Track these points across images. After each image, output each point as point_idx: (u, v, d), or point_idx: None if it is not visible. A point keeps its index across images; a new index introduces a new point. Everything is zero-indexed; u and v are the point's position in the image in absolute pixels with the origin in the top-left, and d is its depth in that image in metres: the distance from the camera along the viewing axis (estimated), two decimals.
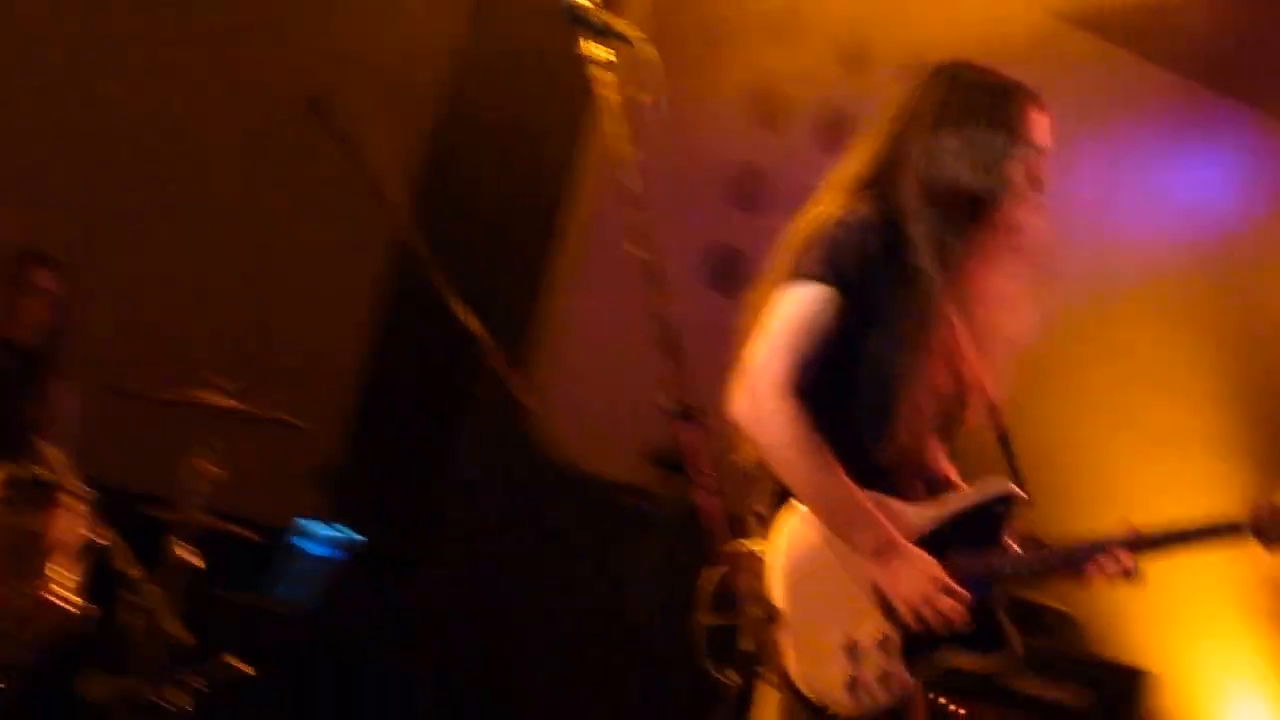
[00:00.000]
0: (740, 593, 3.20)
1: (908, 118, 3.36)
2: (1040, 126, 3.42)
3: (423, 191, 5.45)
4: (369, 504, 5.63)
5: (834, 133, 6.51)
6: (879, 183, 3.32)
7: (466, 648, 5.64)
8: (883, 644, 3.21)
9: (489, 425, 5.60)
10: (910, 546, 3.20)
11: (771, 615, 3.21)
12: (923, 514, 3.27)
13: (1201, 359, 3.36)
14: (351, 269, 5.75)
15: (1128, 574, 3.22)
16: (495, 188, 5.75)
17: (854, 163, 3.36)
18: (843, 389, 3.30)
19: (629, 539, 2.87)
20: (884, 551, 3.20)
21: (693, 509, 2.85)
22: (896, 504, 3.26)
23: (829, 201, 3.30)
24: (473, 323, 3.73)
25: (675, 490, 2.85)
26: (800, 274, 3.22)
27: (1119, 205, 7.08)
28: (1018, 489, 3.32)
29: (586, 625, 5.29)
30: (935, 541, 3.25)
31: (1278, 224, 6.95)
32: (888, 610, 3.23)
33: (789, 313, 3.23)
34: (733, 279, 6.27)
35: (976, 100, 3.40)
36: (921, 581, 3.19)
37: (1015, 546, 3.29)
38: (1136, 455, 6.19)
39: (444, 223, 5.06)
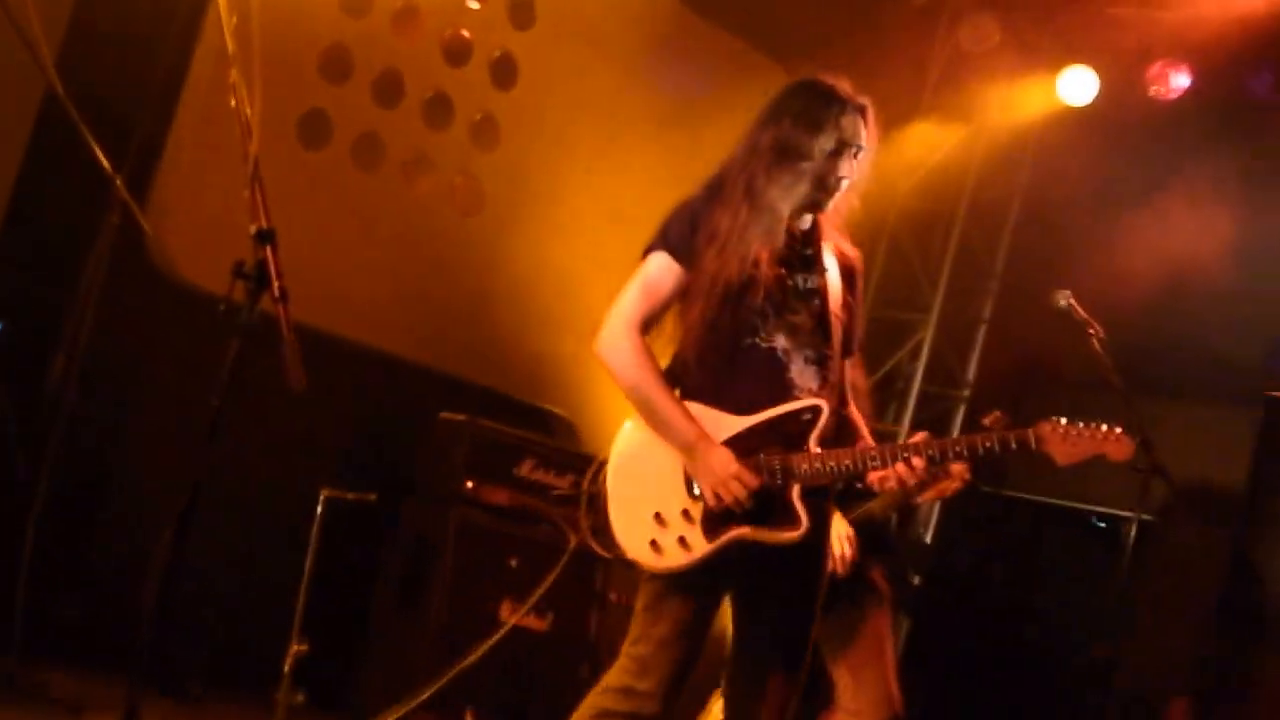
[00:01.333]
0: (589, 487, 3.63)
1: (754, 123, 3.71)
2: (851, 126, 3.65)
3: (66, 46, 5.31)
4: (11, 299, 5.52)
5: (409, 20, 6.53)
6: (727, 171, 3.68)
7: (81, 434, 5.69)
8: (684, 515, 3.54)
9: (118, 245, 5.56)
10: (713, 443, 3.51)
11: (601, 497, 3.61)
12: (737, 420, 3.56)
13: None
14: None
15: (915, 481, 3.55)
16: (131, 44, 5.64)
17: (726, 156, 3.73)
18: (685, 328, 3.64)
19: (216, 339, 3.10)
20: (692, 447, 3.52)
21: (265, 314, 2.97)
22: (714, 412, 3.57)
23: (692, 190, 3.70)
24: (106, 162, 3.81)
25: (254, 299, 3.08)
26: (649, 246, 3.64)
27: (621, 120, 7.30)
28: (824, 403, 3.57)
29: (173, 416, 5.30)
30: (746, 440, 3.55)
31: None
32: (691, 490, 3.56)
33: (639, 275, 3.62)
34: (320, 139, 6.31)
35: (799, 106, 3.67)
36: (717, 470, 3.48)
37: (816, 449, 3.53)
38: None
39: (85, 74, 4.96)
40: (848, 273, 3.79)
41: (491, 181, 6.91)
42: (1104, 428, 3.54)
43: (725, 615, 3.83)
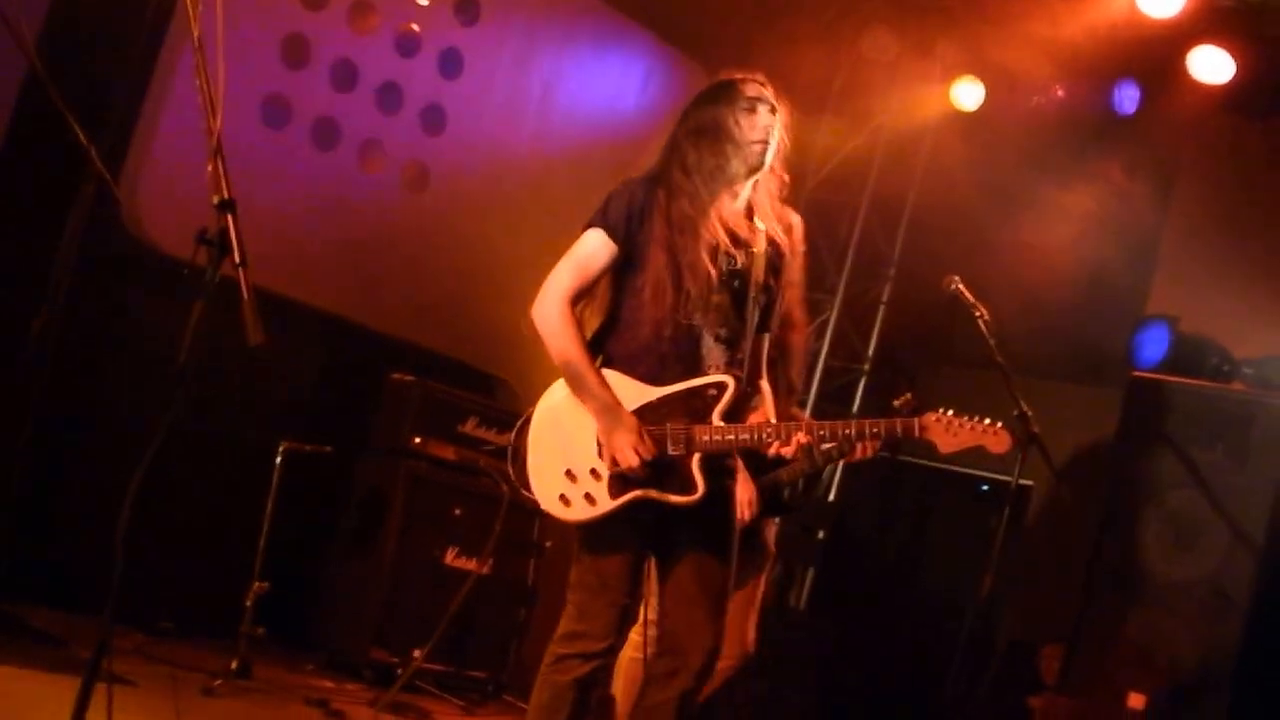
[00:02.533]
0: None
1: (679, 117, 3.71)
2: (755, 89, 3.66)
3: (47, 28, 5.21)
4: None
5: (363, 13, 6.42)
6: (660, 163, 3.66)
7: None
8: (593, 473, 3.51)
9: (93, 213, 5.50)
10: (622, 412, 3.48)
11: (522, 450, 3.59)
12: (650, 390, 3.53)
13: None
14: None
15: (806, 456, 3.64)
16: (107, 28, 5.53)
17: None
18: (614, 300, 3.62)
19: (180, 300, 3.01)
20: (602, 413, 3.49)
21: (225, 279, 2.87)
22: (631, 381, 3.54)
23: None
24: (82, 134, 3.73)
25: (216, 263, 3.00)
26: (587, 223, 3.59)
27: (558, 103, 7.30)
28: (731, 380, 3.53)
29: (143, 372, 5.28)
30: (656, 409, 3.52)
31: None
32: (601, 452, 3.50)
33: (574, 250, 3.58)
34: (282, 120, 6.21)
35: (707, 93, 3.71)
36: (620, 436, 3.46)
37: (719, 422, 3.49)
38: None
39: (64, 55, 4.86)
40: (777, 253, 3.75)
41: (437, 163, 6.85)
42: (986, 422, 3.51)
43: None
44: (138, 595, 3.50)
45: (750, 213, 3.72)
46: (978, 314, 4.59)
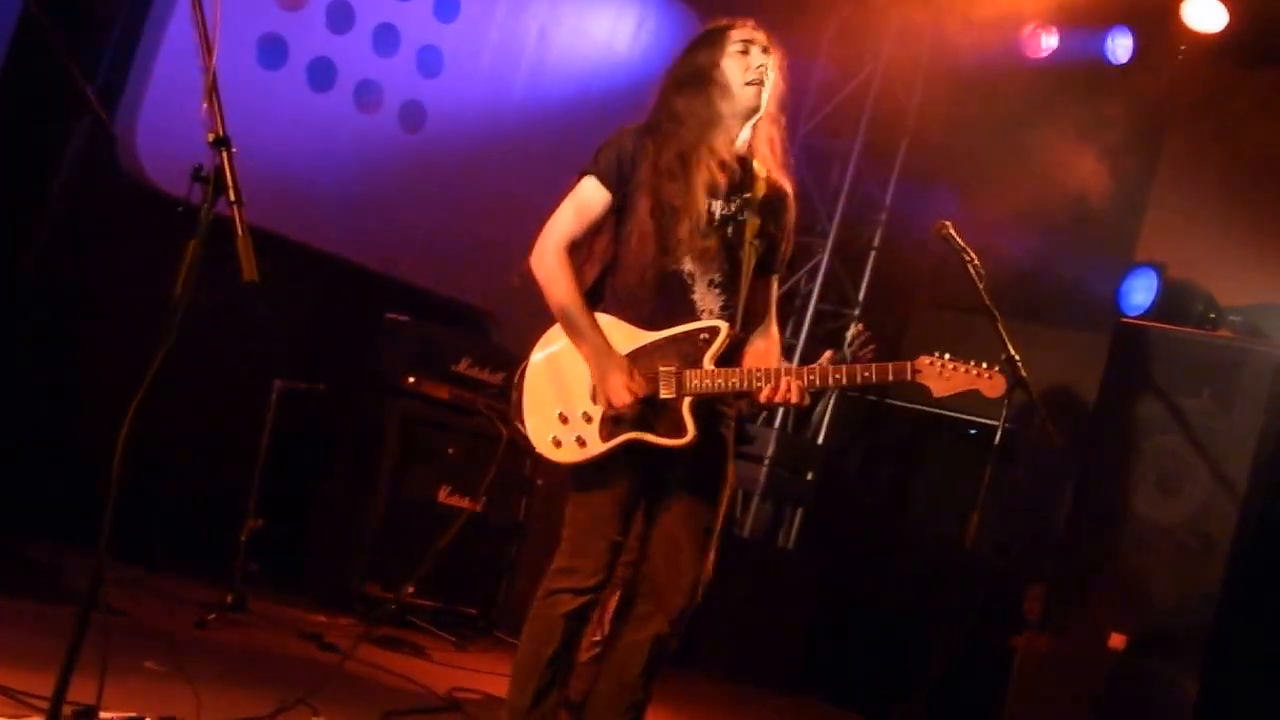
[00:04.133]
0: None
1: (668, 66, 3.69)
2: (745, 32, 3.64)
3: None
4: None
5: None
6: (651, 109, 3.63)
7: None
8: (584, 416, 3.52)
9: (89, 148, 5.46)
10: (614, 354, 3.48)
11: (519, 392, 3.58)
12: (643, 334, 3.53)
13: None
14: None
15: (796, 402, 3.46)
16: None
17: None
18: (609, 248, 3.61)
19: (177, 237, 3.00)
20: (596, 355, 3.48)
21: (221, 215, 2.87)
22: (625, 325, 3.54)
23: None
24: (81, 79, 3.70)
25: (211, 201, 2.99)
26: (581, 170, 3.57)
27: (553, 47, 7.25)
28: (723, 324, 3.52)
29: (141, 310, 5.27)
30: (649, 353, 3.51)
31: None
32: (594, 395, 3.50)
33: (570, 197, 3.56)
34: (278, 58, 6.14)
35: (694, 40, 3.71)
36: (614, 377, 3.45)
37: (710, 366, 3.48)
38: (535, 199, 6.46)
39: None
40: (773, 200, 3.72)
41: (434, 104, 6.79)
42: (981, 366, 3.50)
43: None
44: (132, 529, 3.51)
45: (750, 156, 3.69)
46: (967, 259, 4.58)
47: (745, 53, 3.61)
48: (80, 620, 2.80)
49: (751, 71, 3.60)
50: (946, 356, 3.48)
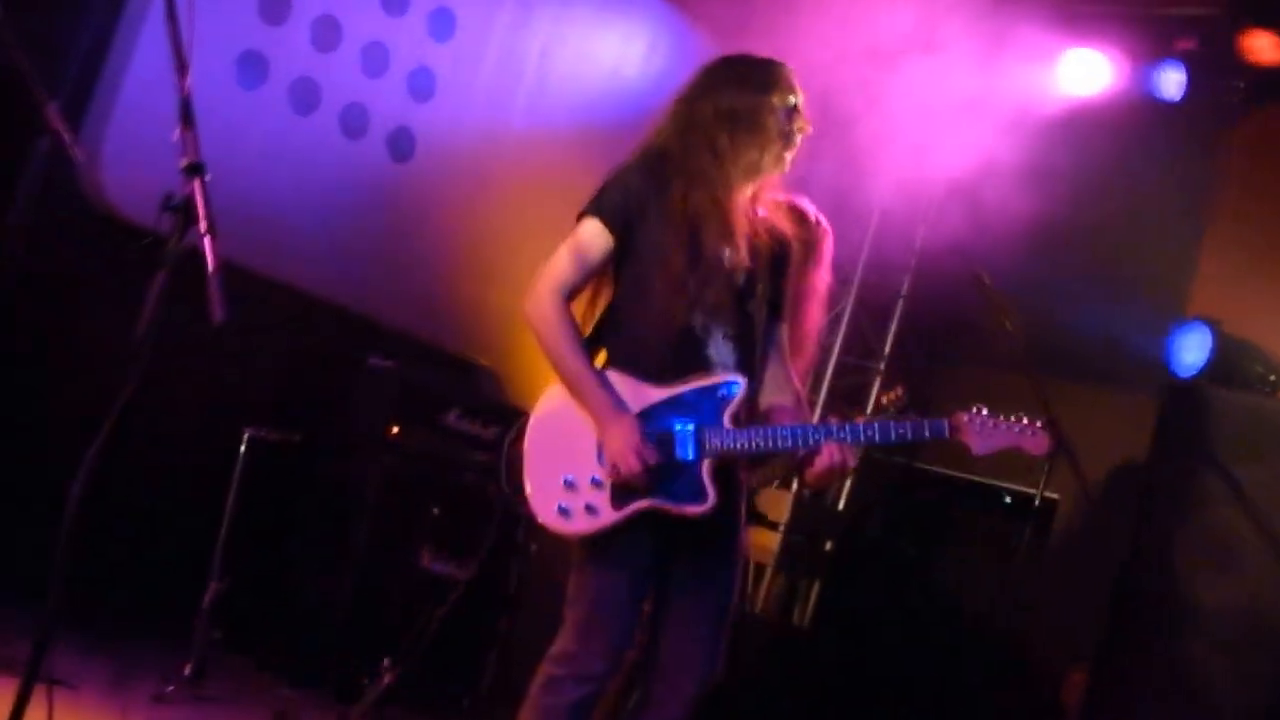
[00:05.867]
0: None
1: (683, 95, 3.66)
2: (788, 79, 3.65)
3: None
4: None
5: None
6: (665, 145, 3.59)
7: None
8: (594, 483, 3.48)
9: (49, 172, 5.47)
10: (619, 415, 3.44)
11: (518, 455, 3.54)
12: (655, 391, 3.50)
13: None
14: None
15: (841, 467, 3.46)
16: None
17: (653, 131, 3.66)
18: (612, 294, 3.61)
19: (143, 271, 2.99)
20: (601, 415, 3.44)
21: (191, 248, 2.85)
22: (634, 381, 3.51)
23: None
24: (41, 92, 3.69)
25: (181, 232, 2.98)
26: (583, 211, 3.55)
27: (556, 71, 7.27)
28: (742, 379, 3.50)
29: (98, 346, 5.23)
30: (661, 411, 3.49)
31: None
32: (602, 459, 3.46)
33: (570, 240, 3.54)
34: (258, 77, 6.14)
35: (739, 73, 3.66)
36: (620, 442, 3.41)
37: (729, 425, 3.46)
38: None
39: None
40: (781, 244, 3.75)
41: (425, 132, 6.80)
42: (1024, 421, 3.50)
43: None
44: (85, 590, 3.48)
45: (754, 203, 3.72)
46: (1004, 311, 4.57)
47: (796, 112, 3.65)
48: (21, 694, 2.76)
49: (795, 140, 3.65)
50: (985, 411, 3.47)
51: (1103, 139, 7.57)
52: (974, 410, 3.47)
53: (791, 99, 3.64)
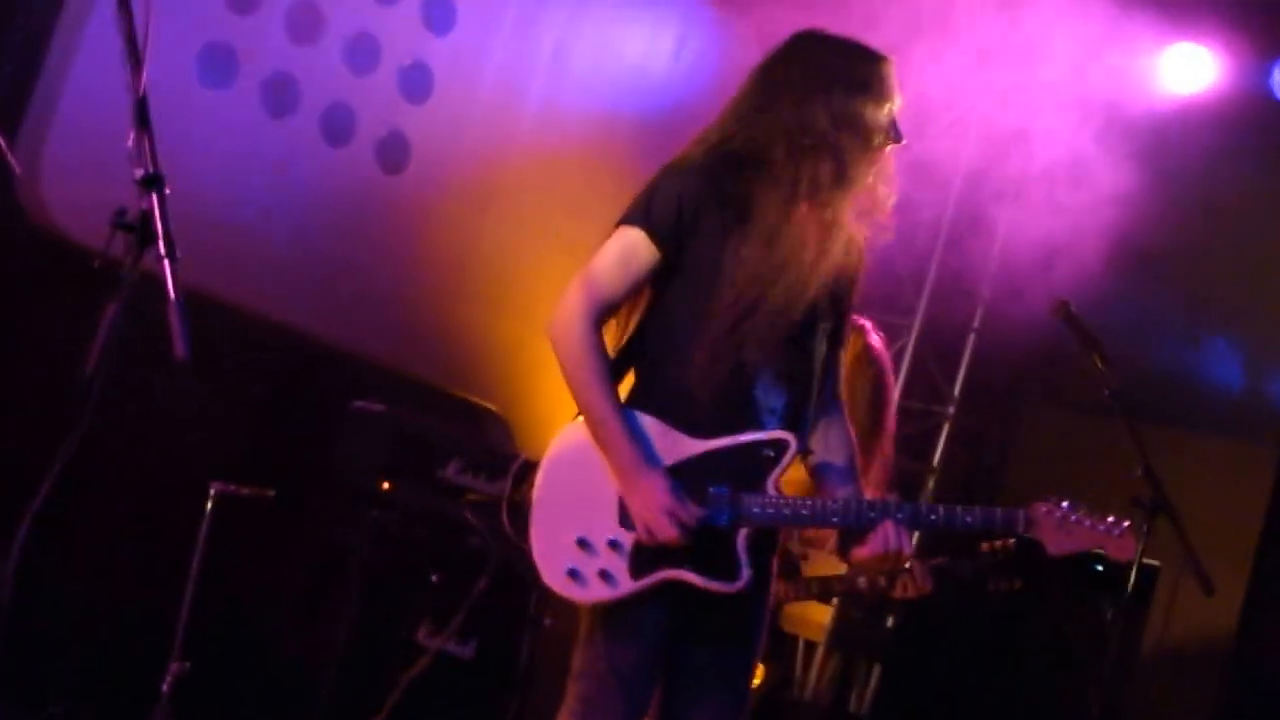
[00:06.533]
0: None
1: (772, 83, 3.57)
2: (890, 81, 3.58)
3: None
4: None
5: None
6: (742, 138, 3.52)
7: None
8: (611, 545, 3.46)
9: None
10: (649, 471, 3.40)
11: (525, 507, 3.54)
12: (691, 443, 3.47)
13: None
14: None
15: (896, 555, 3.46)
16: None
17: (720, 123, 3.58)
18: (648, 322, 3.57)
19: (92, 299, 2.98)
20: (626, 471, 3.42)
21: (148, 273, 2.83)
22: (668, 429, 3.48)
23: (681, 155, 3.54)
24: None
25: (136, 254, 2.97)
26: (625, 218, 3.49)
27: (572, 69, 7.29)
28: (792, 438, 3.48)
29: (43, 390, 5.23)
30: (697, 468, 3.46)
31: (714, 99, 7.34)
32: (625, 518, 3.44)
33: (605, 253, 3.49)
34: (225, 74, 6.13)
35: (836, 65, 3.58)
36: (650, 502, 3.38)
37: (774, 491, 3.45)
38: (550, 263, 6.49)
39: None
40: (846, 272, 3.70)
41: (420, 138, 6.80)
42: (1109, 520, 3.53)
43: None
44: (25, 671, 3.46)
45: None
46: (1093, 346, 4.56)
47: (895, 124, 3.60)
48: None
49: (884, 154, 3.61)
50: (1066, 504, 3.49)
51: (1199, 139, 7.55)
52: (1054, 502, 3.49)
53: (895, 129, 3.61)
